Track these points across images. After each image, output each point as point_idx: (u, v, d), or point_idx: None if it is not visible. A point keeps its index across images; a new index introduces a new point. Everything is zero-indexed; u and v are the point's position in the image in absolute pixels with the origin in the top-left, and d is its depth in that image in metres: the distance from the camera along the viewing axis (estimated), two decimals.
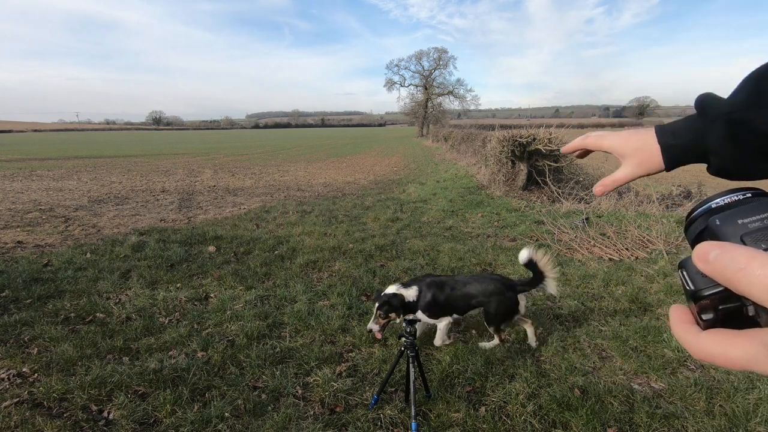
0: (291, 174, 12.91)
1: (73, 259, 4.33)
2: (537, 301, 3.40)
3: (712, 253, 0.24)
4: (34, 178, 11.48)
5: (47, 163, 16.22)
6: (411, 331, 1.93)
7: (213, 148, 28.28)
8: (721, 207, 0.31)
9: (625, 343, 2.75)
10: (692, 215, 0.33)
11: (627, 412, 2.10)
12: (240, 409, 2.15)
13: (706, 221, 0.30)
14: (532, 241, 5.08)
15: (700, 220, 0.32)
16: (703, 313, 0.27)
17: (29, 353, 2.62)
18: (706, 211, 0.32)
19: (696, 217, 0.32)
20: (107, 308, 3.25)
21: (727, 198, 0.32)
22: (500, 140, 8.59)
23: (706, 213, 0.32)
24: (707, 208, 0.32)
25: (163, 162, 16.97)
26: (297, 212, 6.89)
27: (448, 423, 2.04)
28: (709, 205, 0.32)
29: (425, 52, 54.87)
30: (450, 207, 7.29)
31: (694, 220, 0.33)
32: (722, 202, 0.31)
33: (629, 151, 0.54)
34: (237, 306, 3.32)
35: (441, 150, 22.63)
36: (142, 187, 9.89)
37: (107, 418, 2.08)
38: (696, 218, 0.32)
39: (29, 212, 6.78)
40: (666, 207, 6.31)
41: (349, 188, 9.94)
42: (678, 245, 4.62)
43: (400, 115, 78.82)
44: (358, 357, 2.63)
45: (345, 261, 4.39)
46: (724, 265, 0.23)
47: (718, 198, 0.32)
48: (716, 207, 0.31)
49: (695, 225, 0.32)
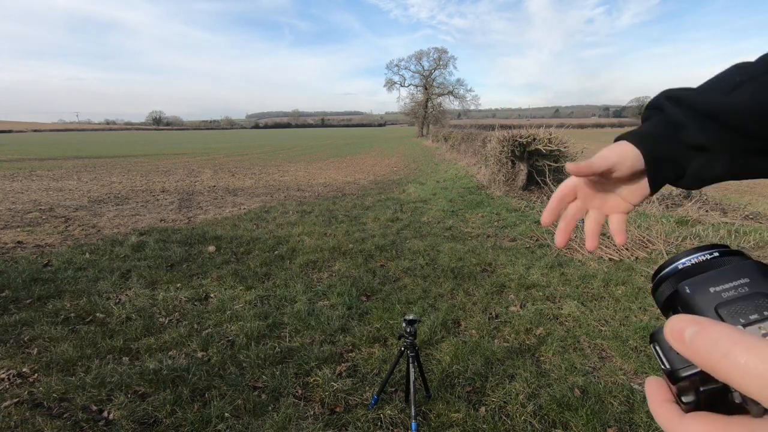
0: (291, 174, 12.91)
1: (73, 259, 4.33)
2: (537, 301, 3.40)
3: (687, 332, 0.21)
4: (34, 178, 11.48)
5: (47, 163, 16.22)
6: (411, 331, 1.93)
7: (213, 148, 28.28)
8: (689, 270, 0.29)
9: (625, 343, 2.75)
10: (660, 275, 0.31)
11: (627, 412, 2.10)
12: (240, 409, 2.15)
13: (675, 285, 0.29)
14: (532, 241, 5.08)
15: (667, 283, 0.30)
16: (683, 395, 0.24)
17: (29, 353, 2.62)
18: (674, 272, 0.30)
19: (664, 277, 0.30)
20: (107, 308, 3.25)
21: (693, 258, 0.30)
22: (500, 140, 8.59)
23: (674, 275, 0.30)
24: (674, 269, 0.30)
25: (163, 162, 16.97)
26: (297, 212, 6.89)
27: (448, 423, 2.04)
28: (676, 266, 0.30)
29: (425, 52, 54.96)
30: (450, 207, 7.29)
31: (663, 280, 0.30)
32: (689, 263, 0.29)
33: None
34: (237, 306, 3.32)
35: (441, 150, 22.62)
36: (142, 187, 9.89)
37: (107, 418, 2.08)
38: (665, 278, 0.30)
39: (29, 212, 6.78)
40: (666, 207, 6.31)
41: (349, 188, 9.94)
42: (678, 245, 4.63)
43: (400, 115, 78.84)
44: (358, 357, 2.63)
45: (345, 261, 4.39)
46: (705, 350, 0.20)
47: (685, 257, 0.30)
48: (683, 269, 0.29)
49: (663, 287, 0.30)
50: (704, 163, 0.43)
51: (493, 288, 3.67)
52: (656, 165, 0.46)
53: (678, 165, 0.45)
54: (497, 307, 3.31)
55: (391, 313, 3.16)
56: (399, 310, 3.21)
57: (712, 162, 0.43)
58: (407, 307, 3.28)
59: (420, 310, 3.23)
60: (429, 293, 3.59)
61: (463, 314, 3.20)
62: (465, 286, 3.74)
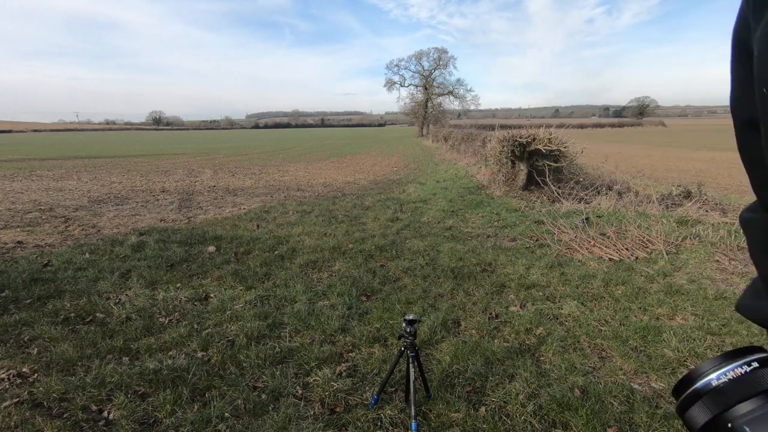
0: (291, 174, 12.91)
1: (73, 259, 4.33)
2: (537, 301, 3.40)
3: None
4: (34, 178, 11.48)
5: (47, 163, 16.22)
6: (411, 331, 1.93)
7: (213, 148, 28.27)
8: (726, 389, 0.24)
9: (625, 343, 2.75)
10: (688, 391, 0.26)
11: (627, 412, 2.10)
12: (240, 409, 2.15)
13: (713, 410, 0.23)
14: (532, 241, 5.08)
15: (701, 405, 0.24)
16: None
17: (29, 353, 2.62)
18: (707, 390, 0.25)
19: (694, 396, 0.25)
20: (107, 308, 3.25)
21: (729, 371, 0.24)
22: (500, 140, 8.59)
23: (708, 394, 0.24)
24: (706, 385, 0.25)
25: (163, 162, 16.96)
26: (297, 212, 6.89)
27: (448, 423, 2.04)
28: (709, 382, 0.25)
29: (425, 52, 54.87)
30: (450, 207, 7.29)
31: (693, 399, 0.25)
32: (726, 379, 0.24)
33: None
34: (237, 306, 3.32)
35: (441, 150, 22.62)
36: (142, 187, 9.89)
37: (107, 418, 2.08)
38: (695, 398, 0.25)
39: (29, 212, 6.78)
40: (666, 207, 6.30)
41: (349, 188, 9.94)
42: (678, 245, 4.62)
43: (400, 115, 78.85)
44: (358, 357, 2.63)
45: (345, 261, 4.39)
46: None
47: (718, 369, 0.25)
48: (719, 387, 0.24)
49: (695, 411, 0.24)
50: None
51: (493, 288, 3.67)
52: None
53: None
54: (497, 307, 3.31)
55: (391, 313, 3.16)
56: (399, 310, 3.21)
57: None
58: (407, 307, 3.28)
59: (420, 310, 3.23)
60: (429, 293, 3.59)
61: (463, 314, 3.20)
62: (465, 286, 3.74)
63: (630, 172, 9.01)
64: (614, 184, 7.49)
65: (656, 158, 18.13)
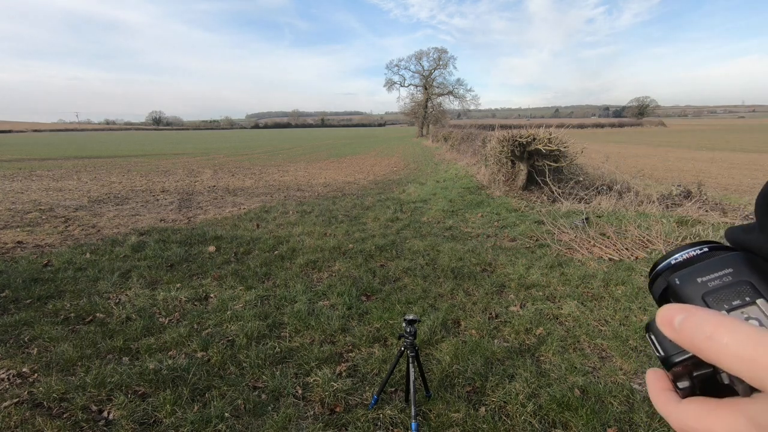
0: (291, 174, 12.91)
1: (73, 259, 4.33)
2: (537, 301, 3.40)
3: (676, 319, 0.23)
4: (34, 178, 11.48)
5: (47, 163, 16.22)
6: (411, 331, 1.93)
7: (213, 148, 28.27)
8: (681, 263, 0.31)
9: (625, 343, 2.75)
10: (655, 270, 0.33)
11: (627, 412, 2.10)
12: (240, 409, 2.15)
13: (667, 279, 0.30)
14: (532, 241, 5.08)
15: (662, 278, 0.31)
16: (679, 381, 0.26)
17: (29, 353, 2.62)
18: (667, 267, 0.32)
19: (659, 273, 0.32)
20: (107, 308, 3.25)
21: (684, 253, 0.32)
22: (500, 140, 8.59)
23: (668, 269, 0.32)
24: (667, 264, 0.32)
25: (163, 162, 16.97)
26: (297, 212, 6.89)
27: (448, 423, 2.04)
28: (669, 261, 0.32)
29: (425, 52, 54.85)
30: (450, 207, 7.29)
31: (658, 275, 0.32)
32: (680, 258, 0.31)
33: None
34: (237, 306, 3.32)
35: (441, 150, 22.62)
36: (142, 187, 9.90)
37: (107, 418, 2.08)
38: (659, 274, 0.32)
39: (29, 212, 6.78)
40: (666, 207, 6.30)
41: (349, 188, 9.94)
42: (678, 245, 4.62)
43: (400, 115, 78.82)
44: (358, 357, 2.63)
45: (345, 261, 4.39)
46: (691, 333, 0.22)
47: (677, 253, 0.32)
48: (676, 263, 0.31)
49: (658, 282, 0.32)
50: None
51: (493, 288, 3.67)
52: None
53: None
54: (497, 307, 3.31)
55: (391, 313, 3.16)
56: (399, 310, 3.21)
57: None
58: (407, 307, 3.28)
59: (420, 310, 3.23)
60: (429, 293, 3.59)
61: (463, 314, 3.20)
62: (465, 286, 3.74)
63: (630, 172, 9.02)
64: (614, 184, 7.49)
65: (656, 158, 18.13)
